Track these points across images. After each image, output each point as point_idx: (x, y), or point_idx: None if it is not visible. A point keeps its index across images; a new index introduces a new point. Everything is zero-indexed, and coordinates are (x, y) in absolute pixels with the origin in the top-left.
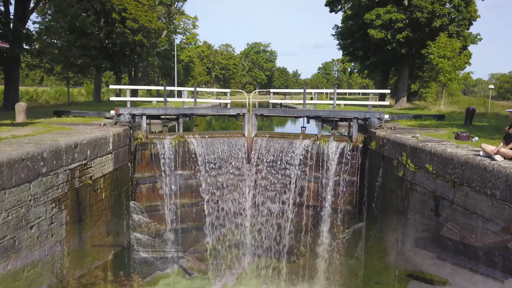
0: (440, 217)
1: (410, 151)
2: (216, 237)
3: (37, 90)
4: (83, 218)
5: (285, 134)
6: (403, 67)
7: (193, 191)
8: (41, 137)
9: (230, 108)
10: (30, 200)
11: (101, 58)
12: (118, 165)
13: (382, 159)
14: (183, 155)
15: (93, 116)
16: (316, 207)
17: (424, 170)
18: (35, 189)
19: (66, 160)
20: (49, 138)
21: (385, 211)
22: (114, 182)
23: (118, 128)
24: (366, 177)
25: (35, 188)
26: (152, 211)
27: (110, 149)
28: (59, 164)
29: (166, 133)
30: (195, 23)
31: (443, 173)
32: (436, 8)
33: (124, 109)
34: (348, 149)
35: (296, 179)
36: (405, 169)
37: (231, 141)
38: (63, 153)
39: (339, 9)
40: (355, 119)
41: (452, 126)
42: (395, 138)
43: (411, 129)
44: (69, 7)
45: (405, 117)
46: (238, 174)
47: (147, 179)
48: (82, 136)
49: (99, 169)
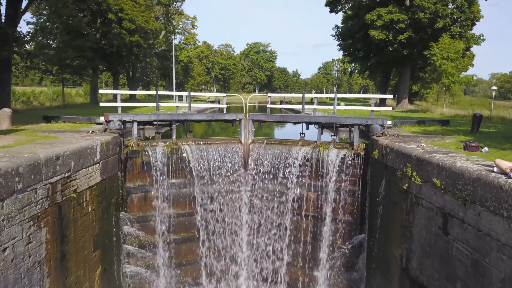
0: (449, 236)
1: (415, 163)
2: (211, 248)
3: (34, 91)
4: (66, 234)
5: (283, 141)
6: (405, 68)
7: (187, 201)
8: (20, 149)
9: (225, 113)
10: (2, 220)
11: (98, 59)
12: (106, 175)
13: (385, 169)
14: (176, 163)
15: (84, 121)
16: (315, 217)
17: (431, 184)
18: (8, 207)
19: (46, 174)
20: (28, 150)
21: (388, 224)
22: (102, 194)
23: (107, 136)
24: (368, 187)
25: (9, 206)
26: (144, 222)
27: (98, 158)
28: (38, 179)
29: (159, 140)
30: (194, 23)
31: (452, 188)
32: (438, 8)
33: (114, 115)
34: (349, 157)
35: (294, 187)
36: (410, 182)
37: (227, 148)
38: (43, 167)
39: (339, 10)
40: (357, 125)
41: (458, 133)
42: (399, 148)
43: (415, 137)
44: (64, 7)
45: (408, 122)
46: (234, 183)
47: (138, 189)
48: (66, 147)
49: (85, 181)
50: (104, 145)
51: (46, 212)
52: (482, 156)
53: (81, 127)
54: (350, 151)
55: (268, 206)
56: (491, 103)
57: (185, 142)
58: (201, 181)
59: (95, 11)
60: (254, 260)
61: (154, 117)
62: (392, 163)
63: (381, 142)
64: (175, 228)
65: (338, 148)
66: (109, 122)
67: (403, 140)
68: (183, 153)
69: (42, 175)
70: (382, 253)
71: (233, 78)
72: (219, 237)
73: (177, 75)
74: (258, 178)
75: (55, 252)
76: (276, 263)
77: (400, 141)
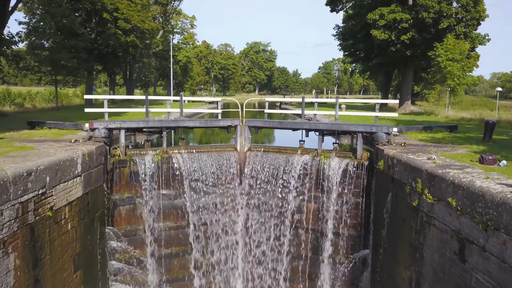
0: (467, 264)
1: (426, 178)
2: (203, 263)
3: (30, 92)
4: (40, 257)
5: (282, 148)
6: (408, 69)
7: (178, 213)
8: None
9: (220, 119)
10: None
11: (93, 60)
12: (89, 188)
13: (391, 182)
14: (167, 173)
15: (70, 128)
16: (316, 231)
17: (445, 204)
18: None
19: (14, 192)
20: None
21: (395, 242)
22: (84, 209)
23: (91, 146)
24: (372, 199)
25: None
26: (132, 236)
27: (79, 171)
28: (3, 199)
29: (149, 148)
30: (193, 23)
31: (471, 211)
32: (443, 7)
33: (99, 122)
34: (352, 167)
35: (293, 199)
36: (421, 199)
37: (222, 156)
38: (10, 185)
39: (340, 9)
40: (360, 133)
41: (469, 141)
42: (408, 160)
43: (424, 146)
44: (58, 6)
45: (415, 128)
46: (229, 193)
47: (126, 201)
48: (40, 160)
49: (63, 196)
50: (87, 156)
51: (15, 235)
52: (501, 171)
53: (66, 134)
54: (353, 161)
55: (265, 218)
56: (493, 103)
57: (177, 150)
58: (193, 192)
59: (90, 10)
60: (251, 275)
61: (143, 124)
62: (400, 176)
63: (387, 152)
64: (166, 242)
65: (340, 157)
66: (94, 130)
67: (411, 150)
68: (174, 162)
69: (10, 194)
70: (388, 272)
71: (233, 78)
72: (213, 251)
73: (175, 75)
74: (255, 189)
75: (26, 279)
76: (274, 279)
77: (408, 152)
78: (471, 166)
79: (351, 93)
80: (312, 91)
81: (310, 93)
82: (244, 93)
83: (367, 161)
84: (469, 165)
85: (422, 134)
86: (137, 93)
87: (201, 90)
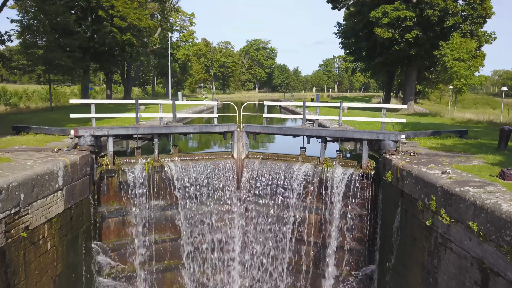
0: None
1: (442, 196)
2: (198, 278)
3: (27, 90)
4: (13, 283)
5: (282, 156)
6: (411, 68)
7: (170, 225)
8: None
9: (216, 125)
10: None
11: (88, 59)
12: (73, 202)
13: (400, 196)
14: (159, 183)
15: (56, 133)
16: (318, 244)
17: (465, 227)
18: None
19: None
20: None
21: (404, 262)
22: (66, 225)
23: (74, 156)
24: (378, 212)
25: None
26: (121, 250)
27: (60, 185)
28: None
29: (139, 156)
30: (192, 20)
31: (496, 238)
32: (448, 5)
33: (85, 129)
34: (357, 177)
35: (294, 210)
36: (435, 218)
37: (218, 164)
38: None
39: (341, 6)
40: (366, 141)
41: (483, 150)
42: (419, 173)
43: (434, 156)
44: (52, 4)
45: (423, 134)
46: (225, 204)
47: (115, 213)
48: (13, 176)
49: (41, 214)
50: (69, 167)
51: None
52: None
53: (51, 141)
54: (358, 170)
55: (263, 231)
56: (495, 102)
57: (169, 158)
58: (187, 202)
59: (85, 8)
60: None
61: (132, 131)
62: (410, 190)
63: (396, 163)
64: (158, 256)
65: (344, 166)
66: (80, 138)
67: (422, 161)
68: (167, 171)
69: None
70: None
71: (233, 75)
72: (208, 265)
73: (174, 73)
74: (253, 199)
75: None
76: None
77: (418, 163)
78: (492, 183)
79: (351, 90)
80: (313, 88)
81: (311, 91)
82: (244, 91)
83: (373, 170)
84: (490, 182)
85: (431, 141)
86: (136, 91)
87: (201, 88)
